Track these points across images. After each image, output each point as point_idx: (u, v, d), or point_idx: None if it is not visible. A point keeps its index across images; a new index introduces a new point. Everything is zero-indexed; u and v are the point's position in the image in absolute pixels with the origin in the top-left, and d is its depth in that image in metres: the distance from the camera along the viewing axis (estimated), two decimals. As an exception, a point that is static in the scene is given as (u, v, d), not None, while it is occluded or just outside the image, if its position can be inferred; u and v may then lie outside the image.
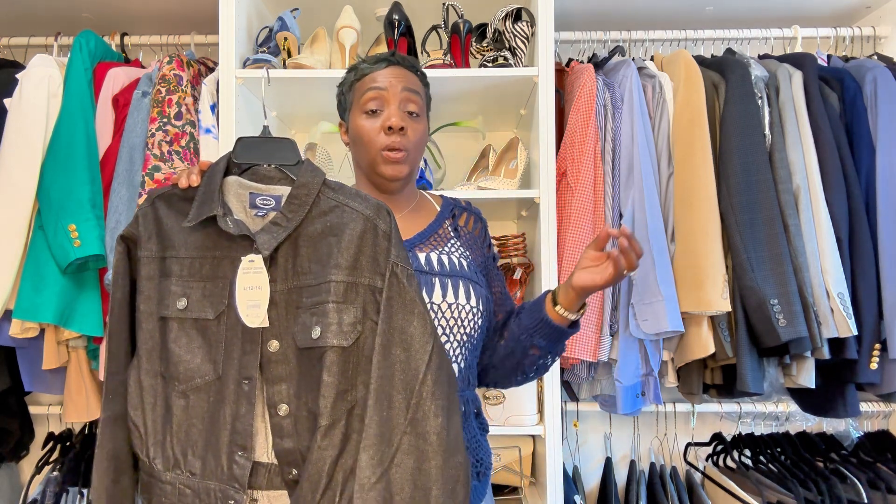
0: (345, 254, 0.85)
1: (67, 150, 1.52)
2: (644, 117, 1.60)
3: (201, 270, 0.88)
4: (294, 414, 0.84)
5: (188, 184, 0.89)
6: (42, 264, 1.49)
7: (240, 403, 0.85)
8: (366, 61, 1.09)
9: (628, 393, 1.53)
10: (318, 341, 0.82)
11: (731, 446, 1.82)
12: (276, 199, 0.89)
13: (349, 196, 0.88)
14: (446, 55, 1.64)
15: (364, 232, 0.86)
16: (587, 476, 1.94)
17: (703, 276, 1.48)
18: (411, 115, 1.06)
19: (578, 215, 1.54)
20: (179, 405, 0.87)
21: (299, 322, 0.85)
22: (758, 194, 1.51)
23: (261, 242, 0.84)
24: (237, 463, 0.84)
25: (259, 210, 0.90)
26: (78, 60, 1.60)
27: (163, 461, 0.87)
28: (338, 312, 0.83)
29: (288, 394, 0.85)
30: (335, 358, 0.82)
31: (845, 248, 1.52)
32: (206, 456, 0.85)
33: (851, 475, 1.60)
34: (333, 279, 0.84)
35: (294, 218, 0.86)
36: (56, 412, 1.77)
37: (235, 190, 0.90)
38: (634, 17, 1.90)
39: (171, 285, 0.88)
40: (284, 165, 0.90)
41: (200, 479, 0.85)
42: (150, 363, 0.88)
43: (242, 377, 0.85)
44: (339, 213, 0.87)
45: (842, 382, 1.55)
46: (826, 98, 1.61)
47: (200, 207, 0.87)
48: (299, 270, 0.86)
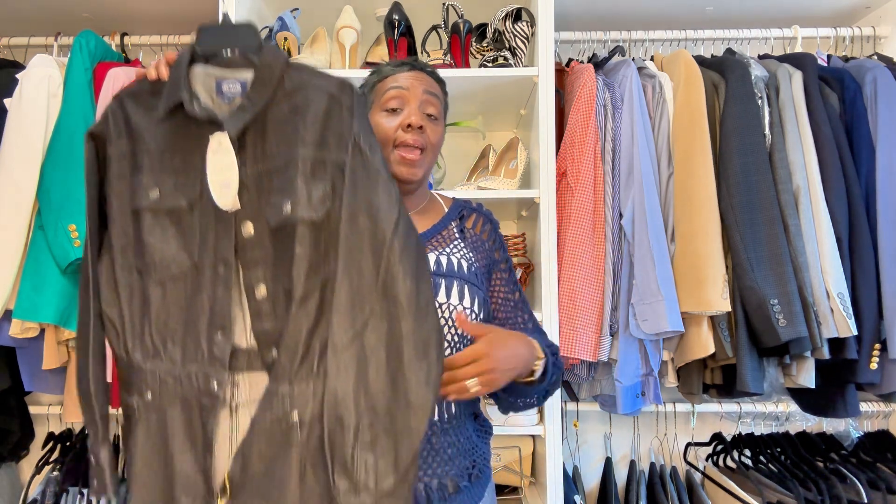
0: (310, 130, 0.85)
1: (67, 150, 1.52)
2: (644, 117, 1.60)
3: (172, 162, 0.88)
4: (272, 295, 0.85)
5: (157, 76, 0.89)
6: (42, 264, 1.49)
7: (217, 287, 0.85)
8: (389, 64, 1.12)
9: (628, 393, 1.53)
10: (289, 216, 0.83)
11: (731, 446, 1.82)
12: (241, 84, 0.89)
13: (313, 74, 0.88)
14: (446, 55, 1.64)
15: (329, 108, 0.86)
16: (587, 476, 1.94)
17: (703, 276, 1.48)
18: (430, 118, 1.08)
19: (578, 215, 1.54)
20: (157, 295, 0.87)
21: (271, 203, 0.85)
22: (758, 194, 1.51)
23: (227, 125, 0.84)
24: (217, 344, 0.85)
25: (226, 96, 0.90)
26: (78, 60, 1.60)
27: (142, 352, 0.87)
28: (306, 187, 0.84)
29: (265, 276, 0.85)
30: (306, 231, 0.83)
31: (845, 248, 1.52)
32: (185, 343, 0.86)
33: (851, 475, 1.60)
34: (301, 156, 0.84)
35: (259, 100, 0.86)
36: (56, 412, 1.77)
37: (202, 79, 0.90)
38: (634, 17, 1.90)
39: (143, 178, 0.87)
40: (248, 50, 0.89)
41: (181, 365, 0.86)
42: (124, 258, 0.88)
43: (218, 261, 0.85)
44: (304, 93, 0.86)
45: (842, 382, 1.55)
46: (826, 98, 1.61)
47: (168, 96, 0.87)
48: (268, 153, 0.86)
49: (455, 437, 1.01)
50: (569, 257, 1.52)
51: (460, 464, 1.00)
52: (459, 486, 0.99)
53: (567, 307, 1.51)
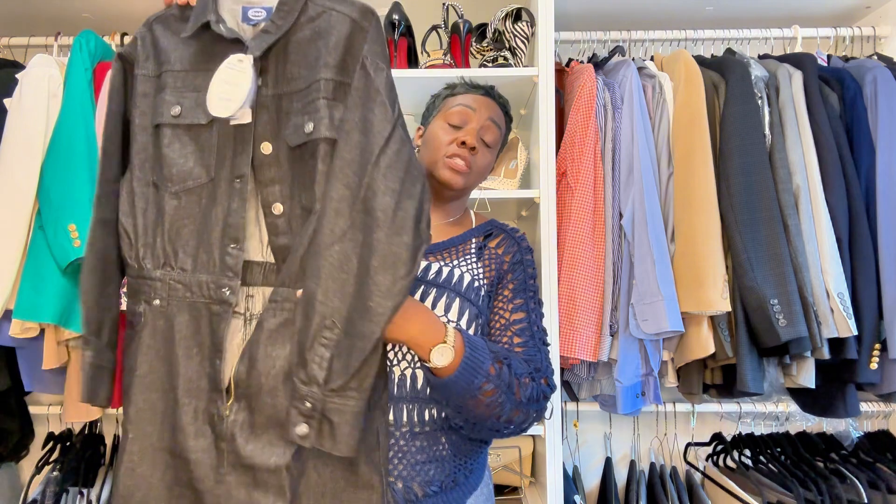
0: (333, 53, 0.87)
1: (67, 149, 1.52)
2: (644, 117, 1.60)
3: (195, 81, 0.91)
4: (288, 213, 0.88)
5: (185, 1, 0.93)
6: (42, 264, 1.49)
7: (232, 200, 0.88)
8: (467, 83, 1.15)
9: (628, 393, 1.53)
10: (312, 135, 0.85)
11: (731, 446, 1.82)
12: (266, 10, 0.92)
13: (335, 1, 0.90)
14: (446, 55, 1.64)
15: (351, 33, 0.88)
16: (587, 476, 1.94)
17: (703, 276, 1.48)
18: (485, 144, 1.11)
19: (578, 215, 1.54)
20: (171, 205, 0.90)
21: (291, 124, 0.87)
22: (758, 194, 1.51)
23: (251, 47, 0.87)
24: (230, 254, 0.87)
25: (251, 21, 0.93)
26: (78, 60, 1.60)
27: (152, 260, 0.90)
28: (328, 108, 0.86)
29: (282, 194, 0.88)
30: (328, 149, 0.85)
31: (845, 248, 1.52)
32: (197, 253, 0.89)
33: (851, 475, 1.60)
34: (323, 77, 0.86)
35: (283, 25, 0.88)
36: (56, 412, 1.77)
37: (229, 6, 0.93)
38: (634, 17, 1.90)
39: (166, 96, 0.91)
40: None
41: (192, 273, 0.88)
42: (142, 172, 0.92)
43: (235, 176, 0.88)
44: (327, 18, 0.89)
45: (842, 382, 1.55)
46: (826, 98, 1.61)
47: (196, 18, 0.90)
48: (289, 76, 0.89)
49: (427, 444, 0.99)
50: (569, 257, 1.52)
51: (430, 471, 0.98)
52: (427, 492, 0.97)
53: (567, 307, 1.51)
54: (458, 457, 1.02)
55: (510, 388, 0.93)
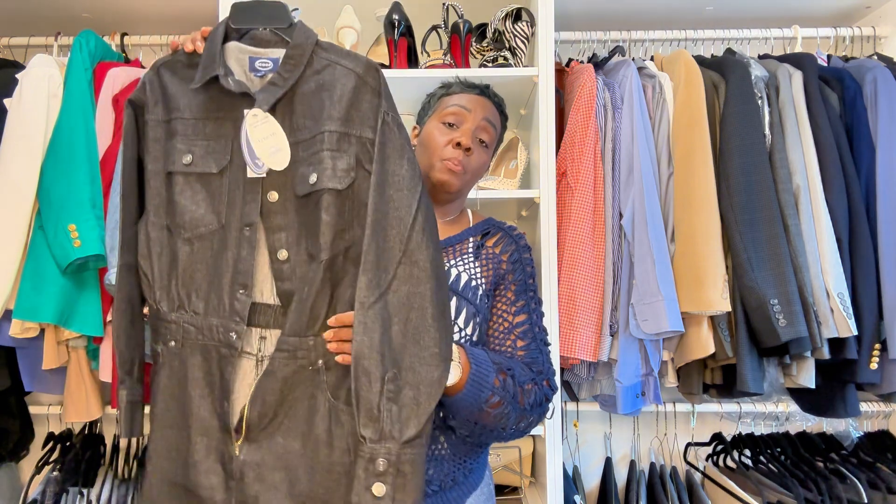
0: (337, 107, 0.90)
1: (67, 150, 1.52)
2: (644, 117, 1.60)
3: (205, 130, 0.94)
4: (293, 259, 0.91)
5: (193, 49, 0.94)
6: (42, 264, 1.49)
7: (241, 247, 0.91)
8: (462, 83, 1.16)
9: (628, 393, 1.53)
10: (315, 185, 0.88)
11: (731, 446, 1.82)
12: (273, 61, 0.95)
13: (340, 55, 0.93)
14: (446, 55, 1.64)
15: (356, 87, 0.91)
16: (587, 476, 1.94)
17: (703, 276, 1.48)
18: (481, 144, 1.11)
19: (578, 215, 1.54)
20: (185, 252, 0.93)
21: (298, 174, 0.90)
22: (758, 194, 1.51)
23: (260, 100, 0.90)
24: (238, 300, 0.91)
25: (258, 72, 0.95)
26: (78, 60, 1.60)
27: (168, 303, 0.94)
28: (332, 159, 0.89)
29: (287, 241, 0.91)
30: (332, 200, 0.89)
31: (845, 248, 1.52)
32: (208, 297, 0.92)
33: (851, 475, 1.60)
34: (327, 129, 0.90)
35: (290, 77, 0.91)
36: (56, 412, 1.76)
37: (236, 55, 0.95)
38: (634, 17, 1.90)
39: (177, 143, 0.94)
40: (279, 28, 0.95)
41: (204, 317, 0.92)
42: (157, 217, 0.95)
43: (244, 224, 0.91)
44: (332, 71, 0.92)
45: (842, 382, 1.55)
46: (826, 98, 1.61)
47: (204, 70, 0.93)
48: (295, 127, 0.92)
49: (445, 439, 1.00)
50: (569, 257, 1.52)
51: (430, 471, 0.99)
52: (426, 492, 0.98)
53: (567, 307, 1.51)
54: (457, 456, 1.03)
55: (515, 397, 0.95)
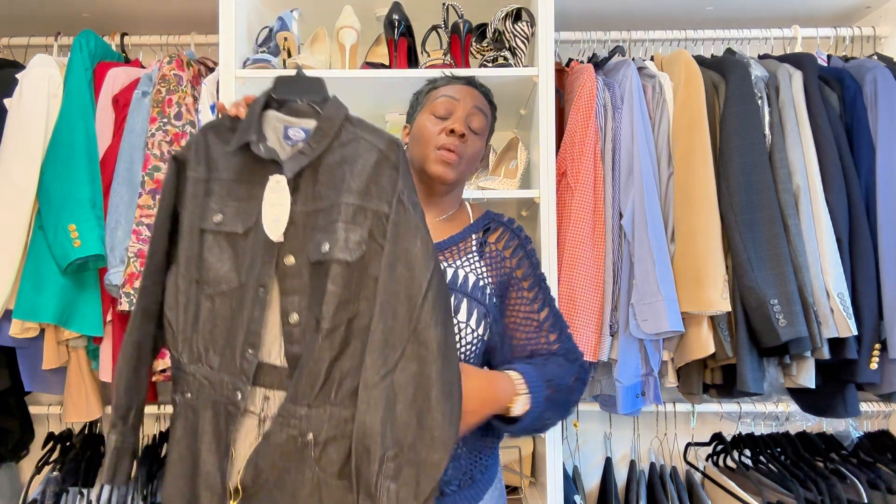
0: (356, 180, 0.94)
1: (67, 150, 1.52)
2: (644, 117, 1.60)
3: (237, 191, 0.98)
4: (303, 323, 0.92)
5: (235, 113, 1.00)
6: (42, 264, 1.49)
7: (254, 308, 0.94)
8: (446, 76, 1.18)
9: (628, 393, 1.53)
10: (326, 255, 0.91)
11: (731, 446, 1.82)
12: (305, 131, 0.99)
13: (366, 130, 0.97)
14: (446, 55, 1.64)
15: (377, 162, 0.94)
16: (587, 476, 1.94)
17: (703, 276, 1.48)
18: (473, 132, 1.12)
19: (578, 215, 1.54)
20: (206, 307, 0.97)
21: (314, 241, 0.93)
22: (758, 194, 1.51)
23: (286, 167, 0.94)
24: (246, 360, 0.93)
25: (291, 140, 1.00)
26: (78, 60, 1.60)
27: (188, 355, 0.96)
28: (345, 231, 0.91)
29: (299, 305, 0.93)
30: (340, 271, 0.91)
31: (845, 248, 1.52)
32: (224, 352, 0.95)
33: (851, 475, 1.60)
34: (344, 202, 0.93)
35: (317, 148, 0.95)
36: (56, 412, 1.77)
37: (273, 123, 1.01)
38: (634, 17, 1.90)
39: (211, 202, 0.98)
40: (314, 101, 1.00)
41: (217, 372, 0.94)
42: (187, 270, 0.98)
43: (259, 284, 0.94)
44: (356, 145, 0.96)
45: (842, 382, 1.55)
46: (826, 98, 1.61)
47: (240, 135, 0.98)
48: (317, 195, 0.95)
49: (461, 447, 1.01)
50: (569, 257, 1.52)
51: (448, 470, 1.00)
52: (445, 491, 0.99)
53: (567, 307, 1.50)
54: (472, 453, 1.04)
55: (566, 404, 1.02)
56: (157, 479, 1.68)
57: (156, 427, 1.85)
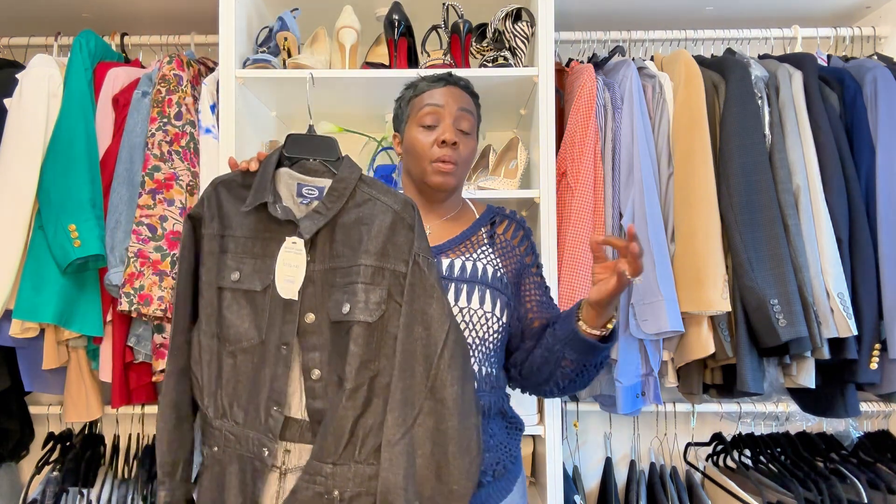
0: (374, 241, 0.96)
1: (67, 150, 1.52)
2: (644, 117, 1.60)
3: (253, 249, 1.00)
4: (325, 378, 0.95)
5: (247, 167, 1.02)
6: (42, 264, 1.49)
7: (278, 365, 0.96)
8: (425, 79, 1.18)
9: (628, 393, 1.53)
10: (347, 316, 0.94)
11: (731, 446, 1.82)
12: (319, 190, 1.02)
13: (381, 191, 1.00)
14: (446, 55, 1.64)
15: (393, 223, 0.98)
16: (587, 476, 1.94)
17: (703, 276, 1.48)
18: (463, 134, 1.14)
19: (578, 215, 1.54)
20: (229, 363, 0.99)
21: (332, 299, 0.96)
22: (758, 194, 1.51)
23: (303, 227, 0.96)
24: (272, 417, 0.95)
25: (304, 199, 1.03)
26: (78, 60, 1.60)
27: (214, 410, 0.99)
28: (365, 292, 0.95)
29: (320, 360, 0.96)
30: (361, 331, 0.94)
31: (845, 248, 1.52)
32: (248, 408, 0.97)
33: (851, 475, 1.60)
34: (363, 263, 0.96)
35: (333, 207, 0.98)
36: (56, 412, 1.76)
37: (286, 180, 1.03)
38: (634, 17, 1.90)
39: (228, 260, 1.00)
40: (327, 161, 1.03)
41: (242, 427, 0.97)
42: (208, 326, 1.00)
43: (281, 343, 0.96)
44: (371, 206, 0.99)
45: (842, 382, 1.55)
46: (826, 98, 1.61)
47: (255, 194, 0.99)
48: (334, 254, 0.98)
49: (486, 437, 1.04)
50: (569, 257, 1.52)
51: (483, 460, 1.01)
52: (482, 482, 1.02)
53: (567, 307, 1.50)
54: (503, 444, 1.08)
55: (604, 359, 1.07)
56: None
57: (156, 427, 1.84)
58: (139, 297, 1.46)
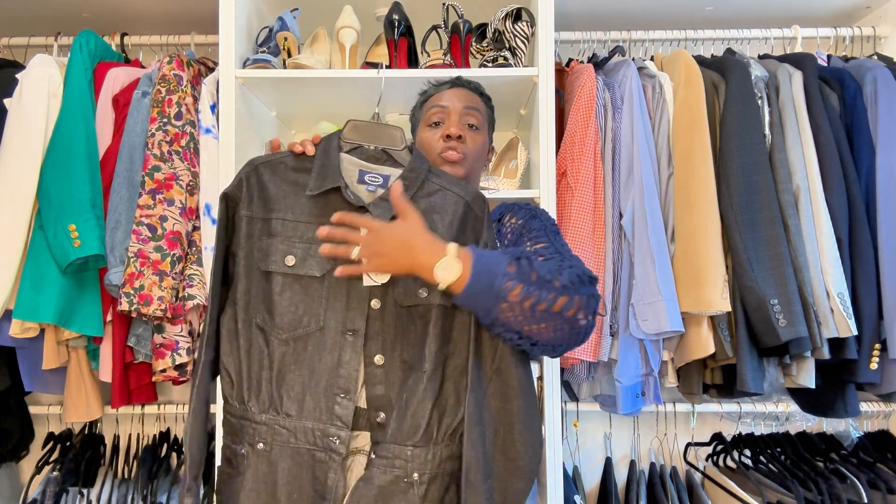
0: (449, 230, 0.98)
1: (67, 150, 1.52)
2: (644, 117, 1.60)
3: (307, 233, 0.97)
4: (387, 364, 0.95)
5: (303, 150, 1.00)
6: (42, 264, 1.49)
7: (343, 352, 0.94)
8: (433, 84, 1.21)
9: (628, 393, 1.53)
10: (427, 300, 0.96)
11: (731, 446, 1.82)
12: (384, 178, 1.02)
13: (451, 182, 1.02)
14: (446, 55, 1.64)
15: (465, 213, 1.00)
16: (587, 476, 1.94)
17: (703, 276, 1.48)
18: (471, 128, 1.16)
19: (578, 215, 1.54)
20: (279, 352, 0.95)
21: (402, 283, 0.96)
22: (758, 194, 1.51)
23: (376, 214, 0.96)
24: (340, 404, 0.93)
25: (368, 186, 1.02)
26: (78, 60, 1.60)
27: (258, 404, 0.95)
28: None
29: (383, 346, 0.96)
30: (439, 314, 0.96)
31: (845, 248, 1.52)
32: (303, 398, 0.94)
33: (851, 475, 1.60)
34: None
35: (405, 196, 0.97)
36: (56, 412, 1.77)
37: (345, 166, 1.02)
38: (634, 17, 1.90)
39: (278, 244, 0.96)
40: (392, 149, 1.02)
41: (297, 419, 0.93)
42: (246, 314, 0.97)
43: (347, 329, 0.95)
44: (443, 196, 1.01)
45: (842, 382, 1.55)
46: (826, 98, 1.61)
47: (322, 179, 0.98)
48: None
49: None
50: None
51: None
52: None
53: (567, 307, 1.50)
54: None
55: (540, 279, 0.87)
56: (157, 479, 1.68)
57: (156, 427, 1.85)
58: (139, 297, 1.46)
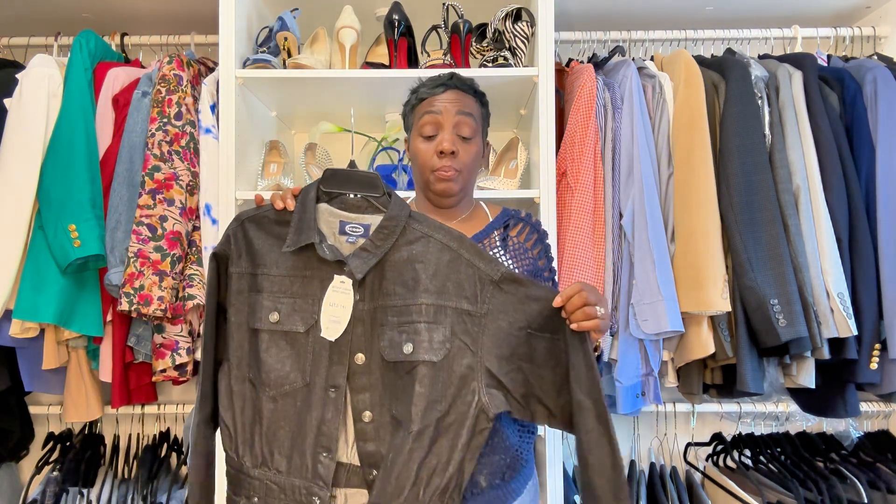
0: (434, 280, 0.94)
1: (67, 150, 1.52)
2: (644, 117, 1.60)
3: (292, 287, 0.96)
4: (377, 420, 0.93)
5: (283, 206, 0.97)
6: (42, 264, 1.49)
7: (326, 409, 0.93)
8: (425, 84, 1.16)
9: (628, 393, 1.53)
10: (411, 356, 0.91)
11: (731, 446, 1.82)
12: (364, 227, 0.99)
13: (433, 228, 0.98)
14: (446, 55, 1.64)
15: (451, 261, 0.95)
16: (587, 476, 1.94)
17: (703, 276, 1.48)
18: (464, 140, 1.12)
19: (578, 215, 1.54)
20: (268, 408, 0.95)
21: (385, 338, 0.93)
22: (758, 194, 1.51)
23: (353, 267, 0.93)
24: (322, 463, 0.92)
25: (348, 237, 0.99)
26: (78, 60, 1.60)
27: (251, 459, 0.94)
28: (428, 331, 0.92)
29: (371, 402, 0.93)
30: (426, 371, 0.91)
31: (845, 248, 1.52)
32: (291, 455, 0.93)
33: (851, 475, 1.60)
34: (424, 302, 0.93)
35: (383, 246, 0.95)
36: (56, 412, 1.77)
37: (326, 217, 0.99)
38: (634, 17, 1.90)
39: (263, 300, 0.95)
40: (372, 196, 0.99)
41: (286, 476, 0.93)
42: (239, 370, 0.96)
43: (329, 385, 0.93)
44: (425, 244, 0.96)
45: (842, 382, 1.55)
46: (826, 98, 1.61)
47: (298, 234, 0.95)
48: (385, 292, 0.95)
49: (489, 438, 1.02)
50: (569, 257, 1.52)
51: (493, 462, 1.01)
52: (492, 484, 1.01)
53: (567, 307, 1.50)
54: (514, 446, 1.07)
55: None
56: (157, 479, 1.68)
57: (156, 427, 1.85)
58: (139, 297, 1.46)
